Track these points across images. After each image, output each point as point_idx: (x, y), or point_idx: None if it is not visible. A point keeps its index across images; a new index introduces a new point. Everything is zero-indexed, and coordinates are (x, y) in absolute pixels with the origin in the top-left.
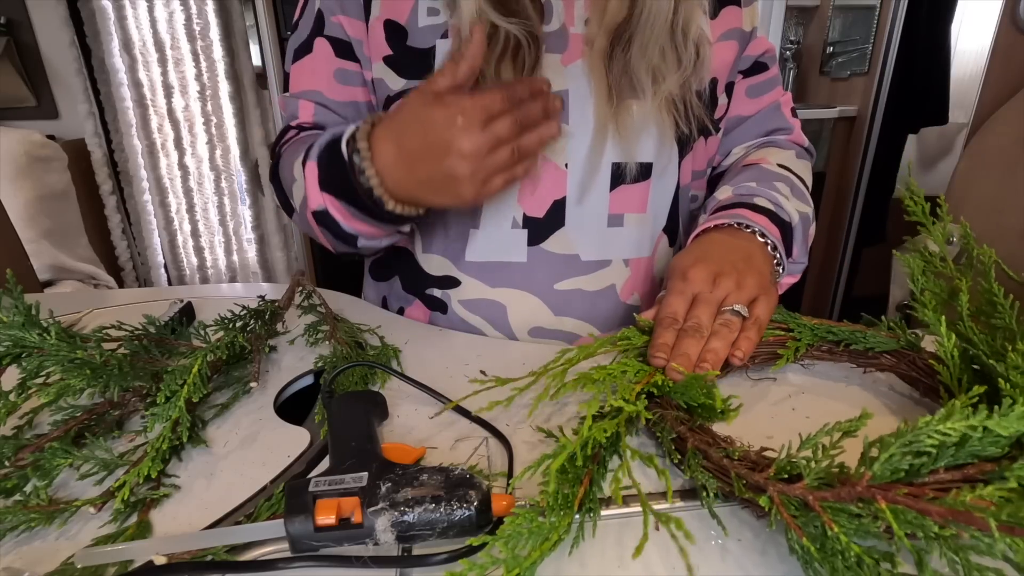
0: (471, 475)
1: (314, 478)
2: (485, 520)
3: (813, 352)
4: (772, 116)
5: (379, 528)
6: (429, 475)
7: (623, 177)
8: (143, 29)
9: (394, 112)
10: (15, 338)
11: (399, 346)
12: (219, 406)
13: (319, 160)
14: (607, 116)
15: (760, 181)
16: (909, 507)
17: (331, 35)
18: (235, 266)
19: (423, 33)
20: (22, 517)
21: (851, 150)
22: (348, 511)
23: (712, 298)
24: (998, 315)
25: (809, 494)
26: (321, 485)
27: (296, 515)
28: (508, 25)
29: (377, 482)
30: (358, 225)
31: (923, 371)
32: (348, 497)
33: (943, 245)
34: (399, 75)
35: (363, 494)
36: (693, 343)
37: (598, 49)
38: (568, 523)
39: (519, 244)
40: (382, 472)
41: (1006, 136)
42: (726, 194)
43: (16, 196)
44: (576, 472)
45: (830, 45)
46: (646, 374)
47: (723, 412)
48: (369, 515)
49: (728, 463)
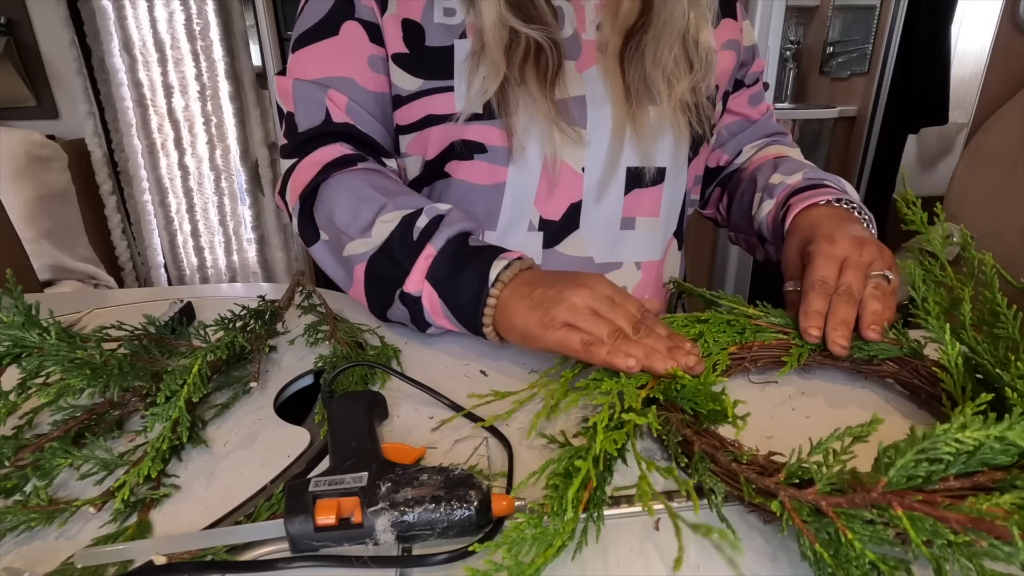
0: (471, 475)
1: (314, 478)
2: (485, 520)
3: (815, 357)
4: (769, 122)
5: (379, 528)
6: (429, 475)
7: (638, 181)
8: (143, 29)
9: (551, 272)
10: (15, 338)
11: (399, 346)
12: (219, 406)
13: (440, 253)
14: (625, 117)
15: (812, 169)
16: (927, 514)
17: (363, 18)
18: (235, 266)
19: (439, 32)
20: (22, 517)
21: (851, 150)
22: (348, 511)
23: (862, 262)
24: (1000, 325)
25: (822, 499)
26: (321, 485)
27: (296, 515)
28: (529, 31)
29: (377, 482)
30: (442, 321)
31: (926, 379)
32: (348, 497)
33: (942, 253)
34: (414, 75)
35: (363, 494)
36: (849, 308)
37: (612, 51)
38: (572, 528)
39: (534, 246)
40: (382, 472)
41: (1006, 136)
42: (793, 179)
43: (16, 196)
44: (581, 476)
45: (830, 45)
46: (650, 380)
47: (732, 420)
48: (369, 515)
49: (737, 467)
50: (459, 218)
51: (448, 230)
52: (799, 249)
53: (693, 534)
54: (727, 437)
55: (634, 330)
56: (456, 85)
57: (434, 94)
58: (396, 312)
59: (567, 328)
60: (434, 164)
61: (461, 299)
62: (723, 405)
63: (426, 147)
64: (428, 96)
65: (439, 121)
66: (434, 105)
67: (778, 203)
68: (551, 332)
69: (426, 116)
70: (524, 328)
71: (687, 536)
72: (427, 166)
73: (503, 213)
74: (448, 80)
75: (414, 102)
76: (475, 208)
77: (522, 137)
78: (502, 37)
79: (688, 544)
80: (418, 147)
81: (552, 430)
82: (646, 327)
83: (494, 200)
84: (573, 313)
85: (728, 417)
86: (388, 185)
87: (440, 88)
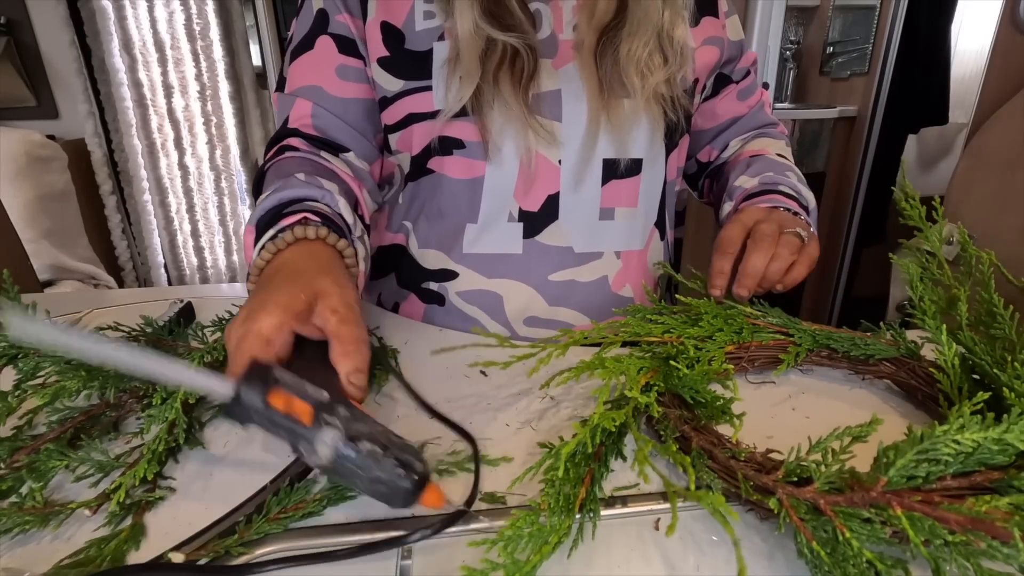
0: (422, 456)
1: (279, 368)
2: (410, 498)
3: (812, 357)
4: (759, 114)
5: (321, 440)
6: (385, 431)
7: (614, 172)
8: (143, 29)
9: (302, 263)
10: (11, 339)
11: (398, 346)
12: (216, 408)
13: (257, 226)
14: (599, 108)
15: (776, 171)
16: (927, 515)
17: (335, 32)
18: (235, 266)
19: (420, 36)
20: (17, 519)
21: (851, 150)
22: (299, 411)
23: (772, 220)
24: (997, 325)
25: (820, 498)
26: (285, 377)
27: (252, 382)
28: (505, 38)
29: (337, 406)
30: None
31: (922, 379)
32: (303, 402)
33: (939, 249)
34: (396, 76)
35: (319, 407)
36: (760, 256)
37: (587, 47)
38: (568, 525)
39: (515, 237)
40: (344, 404)
41: (1006, 136)
42: (751, 183)
43: (16, 196)
44: (577, 472)
45: (830, 45)
46: (652, 368)
47: (726, 412)
48: (320, 422)
49: (735, 464)
50: (293, 185)
51: (267, 201)
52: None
53: (693, 534)
54: (725, 435)
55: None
56: (434, 87)
57: (414, 94)
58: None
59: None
60: (419, 160)
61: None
62: (720, 397)
63: (411, 144)
64: (409, 96)
65: (420, 119)
66: (415, 104)
67: (735, 206)
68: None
69: (408, 115)
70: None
71: (687, 536)
72: (413, 162)
73: (483, 206)
74: (427, 80)
75: (397, 102)
76: (457, 201)
77: (497, 137)
78: (477, 45)
79: (688, 544)
80: (404, 144)
81: (546, 426)
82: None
83: (474, 194)
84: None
85: (721, 411)
86: (290, 168)
87: (420, 88)
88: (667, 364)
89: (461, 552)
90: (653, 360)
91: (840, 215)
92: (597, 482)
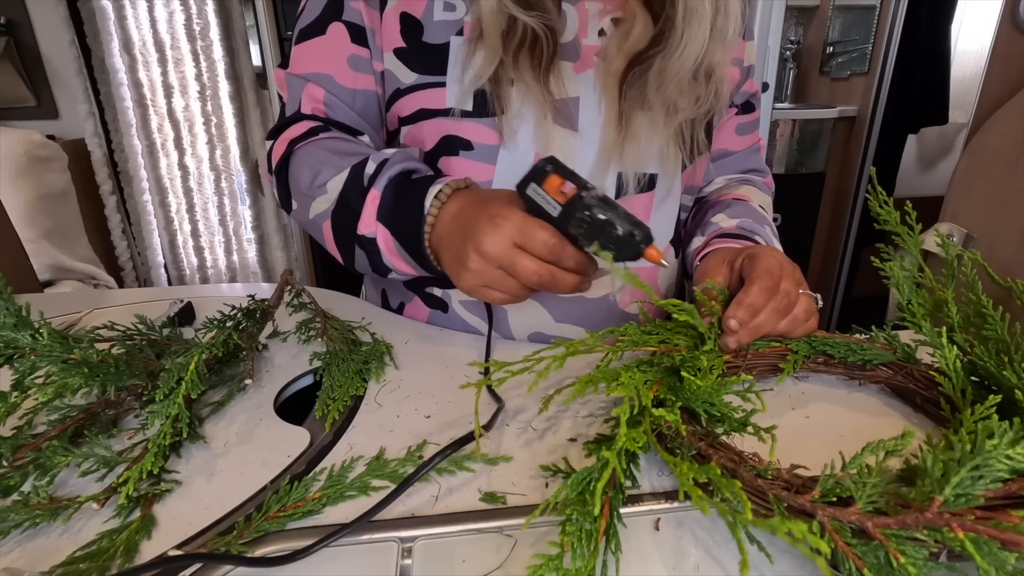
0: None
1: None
2: (638, 247)
3: (809, 364)
4: (752, 156)
5: (582, 205)
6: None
7: (627, 188)
8: (143, 29)
9: (480, 194)
10: (7, 339)
11: (399, 346)
12: (215, 403)
13: (384, 192)
14: (614, 143)
15: (755, 220)
16: (993, 537)
17: (349, 20)
18: (235, 266)
19: (438, 28)
20: (25, 515)
21: (851, 150)
22: (566, 190)
23: (795, 276)
24: (988, 326)
25: (867, 520)
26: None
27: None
28: (527, 18)
29: (593, 191)
30: (398, 262)
31: (921, 383)
32: (570, 182)
33: (918, 252)
34: (410, 69)
35: (583, 187)
36: (777, 322)
37: (614, 72)
38: (592, 565)
39: None
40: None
41: (1006, 136)
42: (729, 223)
43: (16, 196)
44: (608, 471)
45: (830, 45)
46: (656, 380)
47: (747, 425)
48: (583, 194)
49: (763, 483)
50: (402, 158)
51: (391, 170)
52: (724, 259)
53: (693, 535)
54: (743, 450)
55: (539, 277)
56: (448, 79)
57: (427, 88)
58: (360, 262)
59: (474, 276)
60: (430, 157)
61: (406, 228)
62: (739, 409)
63: (422, 139)
64: (422, 90)
65: (430, 115)
66: (426, 99)
67: (706, 241)
68: (462, 282)
69: (419, 109)
70: (446, 262)
71: (687, 537)
72: (426, 158)
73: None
74: (440, 76)
75: (410, 95)
76: None
77: (514, 122)
78: (500, 23)
79: (688, 545)
80: (413, 139)
81: (548, 444)
82: (549, 272)
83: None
84: (481, 261)
85: (740, 423)
86: (344, 147)
87: (432, 83)
88: (673, 375)
89: (461, 552)
90: (657, 371)
91: (840, 215)
92: (615, 508)
